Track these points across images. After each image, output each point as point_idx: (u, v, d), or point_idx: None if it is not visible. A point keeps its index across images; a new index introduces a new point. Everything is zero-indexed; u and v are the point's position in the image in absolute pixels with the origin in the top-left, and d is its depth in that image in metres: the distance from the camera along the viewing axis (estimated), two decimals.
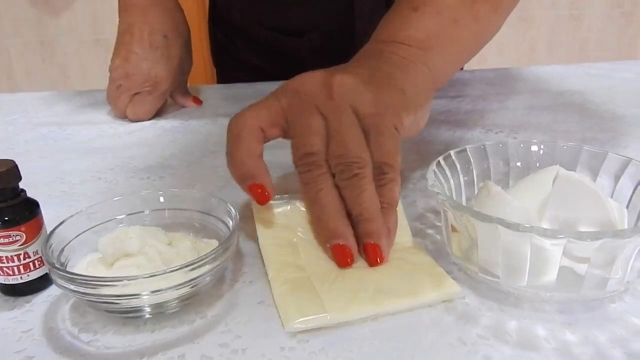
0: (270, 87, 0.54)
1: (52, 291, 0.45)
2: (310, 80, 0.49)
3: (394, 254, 0.46)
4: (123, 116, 0.87)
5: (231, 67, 1.09)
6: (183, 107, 0.92)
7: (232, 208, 0.45)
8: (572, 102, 0.87)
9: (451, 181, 0.47)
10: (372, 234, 0.44)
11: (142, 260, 0.42)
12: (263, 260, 0.47)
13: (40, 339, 0.40)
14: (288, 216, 0.50)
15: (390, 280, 0.44)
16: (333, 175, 0.46)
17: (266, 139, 0.49)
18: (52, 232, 0.43)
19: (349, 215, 0.46)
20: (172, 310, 0.41)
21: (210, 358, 0.38)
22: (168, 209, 0.48)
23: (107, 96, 0.87)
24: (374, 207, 0.45)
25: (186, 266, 0.38)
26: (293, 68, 0.91)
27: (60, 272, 0.39)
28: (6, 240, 0.43)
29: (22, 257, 0.44)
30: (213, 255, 0.40)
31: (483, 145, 0.50)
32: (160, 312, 0.41)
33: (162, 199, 0.48)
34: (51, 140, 0.80)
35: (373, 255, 0.44)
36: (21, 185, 0.43)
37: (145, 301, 0.39)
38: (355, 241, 0.45)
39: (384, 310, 0.41)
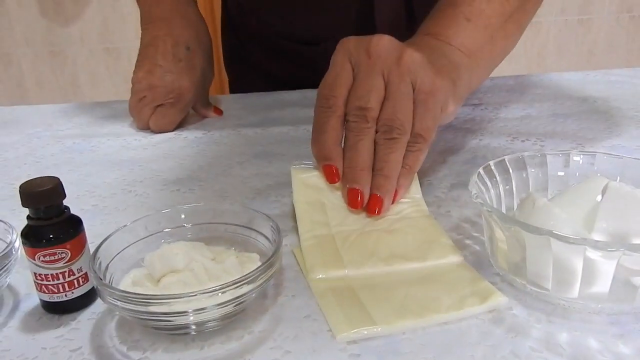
0: (290, 96, 0.55)
1: (96, 308, 0.45)
2: (385, 45, 0.55)
3: (432, 268, 0.47)
4: (145, 128, 0.87)
5: (245, 73, 1.09)
6: (204, 117, 0.92)
7: (275, 222, 0.45)
8: (596, 109, 0.86)
9: (491, 191, 0.47)
10: (381, 187, 0.51)
11: (189, 276, 0.42)
12: (295, 216, 0.51)
13: (89, 358, 0.40)
14: (321, 180, 0.54)
15: (434, 293, 0.44)
16: (375, 132, 0.53)
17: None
18: (97, 248, 0.43)
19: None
20: (219, 327, 0.41)
21: None
22: (209, 223, 0.47)
23: (130, 108, 0.87)
24: (394, 168, 0.52)
25: (234, 284, 0.38)
26: (309, 75, 0.92)
27: (110, 290, 0.39)
28: (51, 258, 0.43)
29: (67, 274, 0.43)
30: (260, 272, 0.40)
31: (521, 155, 0.50)
32: (207, 328, 0.41)
33: (200, 213, 0.48)
34: (77, 153, 0.80)
35: (374, 205, 0.51)
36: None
37: (193, 319, 0.39)
38: (369, 192, 0.51)
39: (431, 322, 0.41)
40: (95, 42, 2.49)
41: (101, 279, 0.40)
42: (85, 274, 0.45)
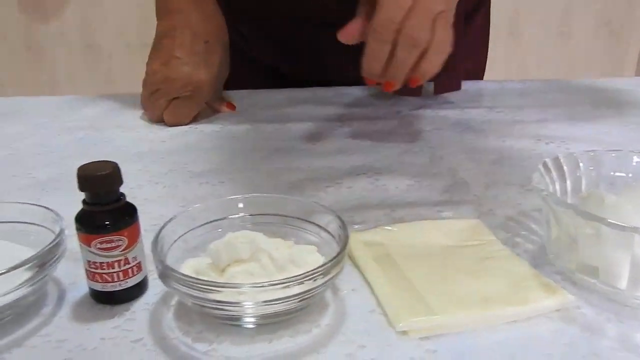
0: (300, 94, 0.54)
1: (148, 299, 0.44)
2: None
3: (489, 262, 0.47)
4: (158, 120, 0.85)
5: (239, 64, 1.03)
6: (217, 112, 0.90)
7: (339, 216, 0.43)
8: (610, 114, 0.87)
9: (550, 188, 0.47)
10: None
11: (255, 266, 0.40)
12: (360, 269, 0.47)
13: (154, 349, 0.38)
14: (381, 235, 0.51)
15: (495, 287, 0.43)
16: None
17: None
18: (158, 234, 0.41)
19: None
20: (285, 320, 0.40)
21: None
22: (267, 214, 0.46)
23: (143, 100, 0.85)
24: (404, 71, 0.64)
25: (311, 275, 0.37)
26: (307, 64, 0.90)
27: (178, 276, 0.37)
28: (108, 246, 0.41)
29: (122, 263, 0.42)
30: (333, 264, 0.39)
31: (574, 154, 0.50)
32: (275, 321, 0.40)
33: (258, 203, 0.46)
34: (90, 144, 0.78)
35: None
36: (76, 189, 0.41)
37: (263, 310, 0.38)
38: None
39: (494, 316, 0.40)
40: (75, 39, 2.44)
41: (168, 266, 0.38)
42: (139, 263, 0.43)
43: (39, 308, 0.42)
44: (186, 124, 0.84)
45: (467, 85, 1.01)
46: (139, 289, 0.44)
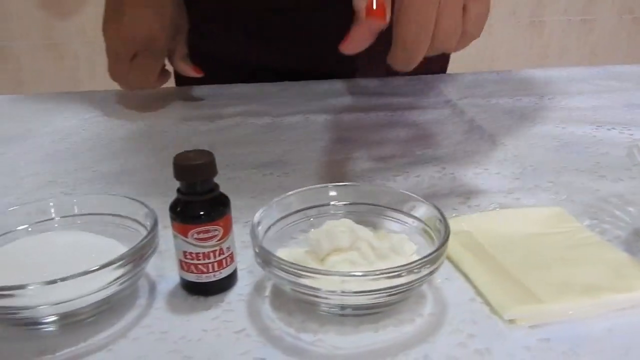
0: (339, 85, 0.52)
1: (240, 290, 0.43)
2: None
3: (581, 249, 0.46)
4: (130, 87, 0.83)
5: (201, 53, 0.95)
6: (184, 74, 0.87)
7: (435, 205, 0.43)
8: None
9: None
10: None
11: (356, 255, 0.40)
12: (451, 258, 0.46)
13: (259, 340, 0.38)
14: (468, 223, 0.50)
15: (595, 274, 0.42)
16: None
17: None
18: (255, 222, 0.41)
19: None
20: (385, 310, 0.39)
21: (456, 359, 0.35)
22: (362, 204, 0.45)
23: (111, 71, 0.82)
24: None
25: (420, 264, 0.36)
26: (274, 53, 0.88)
27: (284, 264, 0.37)
28: (205, 236, 0.40)
29: (217, 253, 0.41)
30: (440, 253, 0.38)
31: None
32: (375, 311, 0.39)
33: (349, 192, 0.46)
34: (145, 137, 0.78)
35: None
36: (130, 181, 0.40)
37: (366, 299, 0.37)
38: None
39: (602, 303, 0.40)
40: (95, 36, 2.43)
41: (272, 252, 0.37)
42: (232, 253, 0.42)
43: (133, 300, 0.42)
44: (154, 85, 0.82)
45: (511, 74, 1.00)
46: (231, 280, 0.43)
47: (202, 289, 0.42)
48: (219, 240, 0.41)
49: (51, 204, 0.45)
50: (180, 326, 0.39)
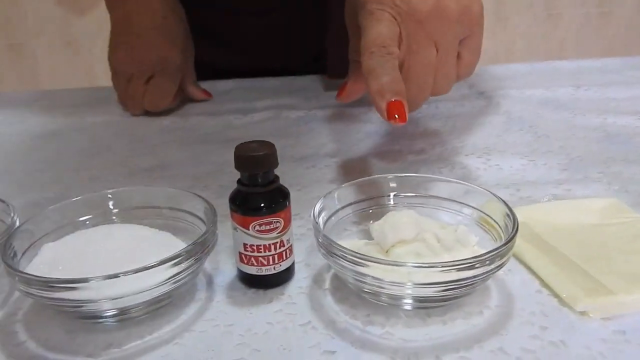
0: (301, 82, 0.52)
1: (298, 282, 0.43)
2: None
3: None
4: (140, 110, 0.81)
5: None
6: (194, 99, 0.86)
7: (502, 199, 0.42)
8: None
9: None
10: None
11: (421, 247, 0.39)
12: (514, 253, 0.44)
13: (327, 332, 0.37)
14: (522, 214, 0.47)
15: None
16: None
17: None
18: (316, 212, 0.40)
19: None
20: (450, 303, 0.38)
21: (532, 351, 0.35)
22: (421, 196, 0.44)
23: (119, 93, 0.82)
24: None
25: (497, 254, 0.35)
26: (254, 58, 0.88)
27: (350, 255, 0.36)
28: (267, 228, 0.40)
29: (278, 245, 0.40)
30: (511, 245, 0.37)
31: None
32: (441, 304, 0.38)
33: (406, 183, 0.45)
34: (179, 131, 0.77)
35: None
36: (170, 175, 0.39)
37: (432, 291, 0.36)
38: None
39: None
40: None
41: (337, 245, 0.37)
42: (291, 246, 0.42)
43: (192, 293, 0.41)
44: (168, 106, 0.81)
45: (542, 65, 0.99)
46: (289, 272, 0.42)
47: (262, 282, 0.42)
48: (280, 232, 0.40)
49: (109, 195, 0.44)
50: (244, 319, 0.38)
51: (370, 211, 0.44)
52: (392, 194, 0.45)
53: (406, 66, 0.51)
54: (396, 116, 0.46)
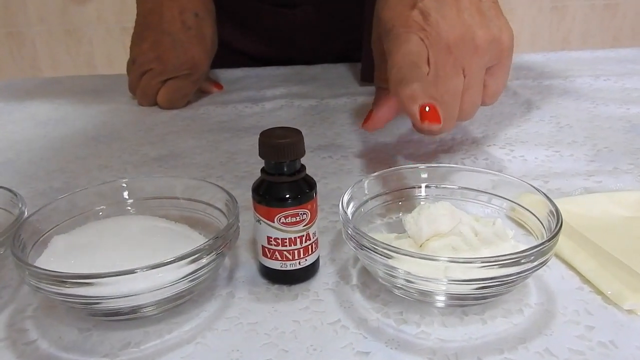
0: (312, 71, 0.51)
1: (324, 278, 0.40)
2: (457, 32, 0.50)
3: None
4: (151, 104, 0.79)
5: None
6: (205, 92, 0.83)
7: (542, 191, 0.39)
8: None
9: None
10: None
11: (457, 240, 0.36)
12: None
13: (359, 332, 0.35)
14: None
15: None
16: None
17: None
18: (345, 202, 0.38)
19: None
20: (489, 300, 0.36)
21: (580, 352, 0.33)
22: (454, 187, 0.42)
23: (131, 83, 0.79)
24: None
25: (541, 251, 0.33)
26: (279, 48, 0.86)
27: (384, 248, 0.34)
28: (293, 220, 0.37)
29: (304, 239, 0.38)
30: (553, 241, 0.34)
31: None
32: (479, 302, 0.36)
33: (438, 174, 0.43)
34: (189, 120, 0.74)
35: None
36: (182, 164, 0.37)
37: (470, 288, 0.34)
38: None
39: None
40: (112, 22, 2.40)
41: (365, 234, 0.34)
42: (317, 239, 0.39)
43: (213, 289, 0.39)
44: (182, 107, 0.78)
45: (557, 55, 0.97)
46: (315, 267, 0.40)
47: (286, 278, 0.39)
48: (306, 225, 0.38)
49: (124, 185, 0.42)
50: (269, 317, 0.36)
51: (400, 203, 0.42)
52: (423, 185, 0.42)
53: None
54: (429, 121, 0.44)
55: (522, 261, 0.32)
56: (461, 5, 0.50)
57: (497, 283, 0.34)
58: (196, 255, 0.34)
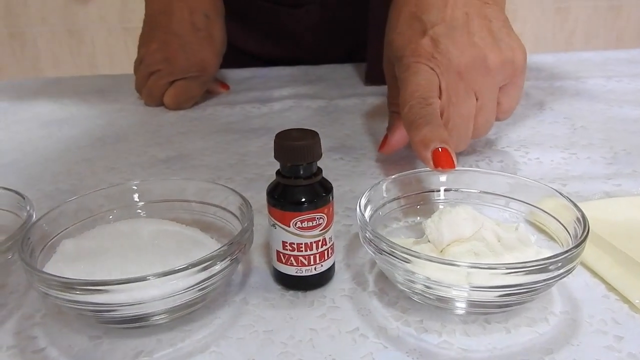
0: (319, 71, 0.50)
1: (339, 284, 0.39)
2: (467, 57, 0.51)
3: None
4: (157, 104, 0.77)
5: None
6: (212, 93, 0.82)
7: (565, 195, 0.38)
8: None
9: None
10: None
11: (480, 246, 0.35)
12: None
13: (379, 341, 0.33)
14: None
15: None
16: None
17: None
18: (365, 204, 0.37)
19: None
20: (512, 308, 0.35)
21: None
22: (474, 191, 0.41)
23: (138, 82, 0.78)
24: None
25: (569, 257, 0.32)
26: (284, 48, 0.85)
27: (408, 254, 0.32)
28: (309, 224, 0.36)
29: (320, 244, 0.37)
30: (581, 247, 0.33)
31: None
32: (502, 310, 0.35)
33: (445, 178, 0.41)
34: (196, 121, 0.73)
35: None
36: (191, 166, 0.36)
37: (493, 295, 0.33)
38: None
39: None
40: (114, 22, 2.39)
41: (383, 237, 0.33)
42: (333, 244, 0.38)
43: (225, 295, 0.38)
44: (189, 108, 0.77)
45: (567, 55, 0.95)
46: (330, 273, 0.39)
47: (302, 284, 0.38)
48: (322, 229, 0.36)
49: (134, 187, 0.41)
50: (284, 325, 0.35)
51: (418, 207, 0.41)
52: (442, 189, 0.41)
53: (446, 116, 0.50)
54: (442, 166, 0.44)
55: (550, 268, 0.31)
56: (472, 29, 0.50)
57: (522, 290, 0.32)
58: (210, 262, 0.33)
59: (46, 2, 2.33)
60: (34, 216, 0.39)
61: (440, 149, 0.44)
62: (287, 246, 0.37)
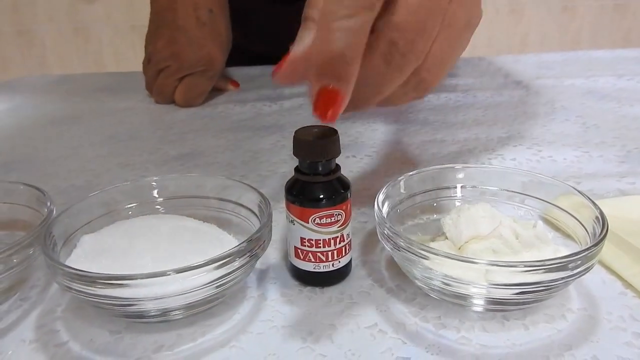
0: None
1: (356, 280, 0.39)
2: None
3: None
4: (168, 102, 0.78)
5: None
6: (222, 90, 0.83)
7: (582, 192, 0.38)
8: None
9: None
10: None
11: (497, 243, 0.35)
12: None
13: (398, 337, 0.34)
14: None
15: None
16: None
17: None
18: (380, 201, 0.37)
19: None
20: (531, 306, 0.35)
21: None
22: (491, 188, 0.41)
23: (148, 81, 0.78)
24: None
25: (583, 255, 0.32)
26: (277, 46, 0.83)
27: (426, 251, 0.32)
28: (328, 221, 0.36)
29: (338, 240, 0.37)
30: (601, 245, 0.33)
31: None
32: (520, 307, 0.35)
33: (463, 175, 0.41)
34: (208, 118, 0.73)
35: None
36: (204, 163, 0.35)
37: (511, 293, 0.33)
38: None
39: None
40: (121, 20, 2.40)
41: (401, 234, 0.33)
42: (350, 241, 0.38)
43: (244, 290, 0.38)
44: (199, 104, 0.78)
45: (576, 54, 0.96)
46: (347, 269, 0.39)
47: (319, 280, 0.38)
48: (340, 226, 0.37)
49: (153, 183, 0.41)
50: (303, 320, 0.35)
51: (435, 204, 0.41)
52: (459, 186, 0.41)
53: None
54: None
55: (570, 266, 0.31)
56: None
57: (540, 288, 0.32)
58: (229, 258, 0.33)
59: (53, 1, 2.33)
60: (55, 211, 0.39)
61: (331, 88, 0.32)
62: (305, 242, 0.37)
